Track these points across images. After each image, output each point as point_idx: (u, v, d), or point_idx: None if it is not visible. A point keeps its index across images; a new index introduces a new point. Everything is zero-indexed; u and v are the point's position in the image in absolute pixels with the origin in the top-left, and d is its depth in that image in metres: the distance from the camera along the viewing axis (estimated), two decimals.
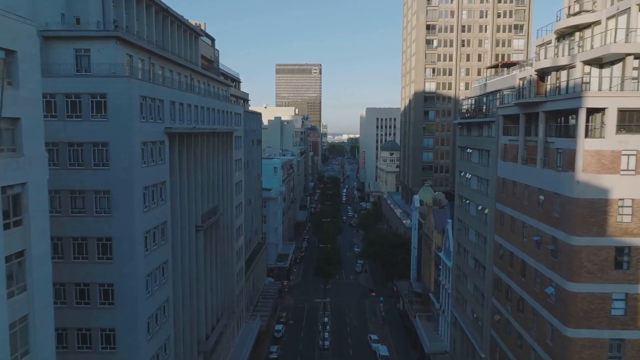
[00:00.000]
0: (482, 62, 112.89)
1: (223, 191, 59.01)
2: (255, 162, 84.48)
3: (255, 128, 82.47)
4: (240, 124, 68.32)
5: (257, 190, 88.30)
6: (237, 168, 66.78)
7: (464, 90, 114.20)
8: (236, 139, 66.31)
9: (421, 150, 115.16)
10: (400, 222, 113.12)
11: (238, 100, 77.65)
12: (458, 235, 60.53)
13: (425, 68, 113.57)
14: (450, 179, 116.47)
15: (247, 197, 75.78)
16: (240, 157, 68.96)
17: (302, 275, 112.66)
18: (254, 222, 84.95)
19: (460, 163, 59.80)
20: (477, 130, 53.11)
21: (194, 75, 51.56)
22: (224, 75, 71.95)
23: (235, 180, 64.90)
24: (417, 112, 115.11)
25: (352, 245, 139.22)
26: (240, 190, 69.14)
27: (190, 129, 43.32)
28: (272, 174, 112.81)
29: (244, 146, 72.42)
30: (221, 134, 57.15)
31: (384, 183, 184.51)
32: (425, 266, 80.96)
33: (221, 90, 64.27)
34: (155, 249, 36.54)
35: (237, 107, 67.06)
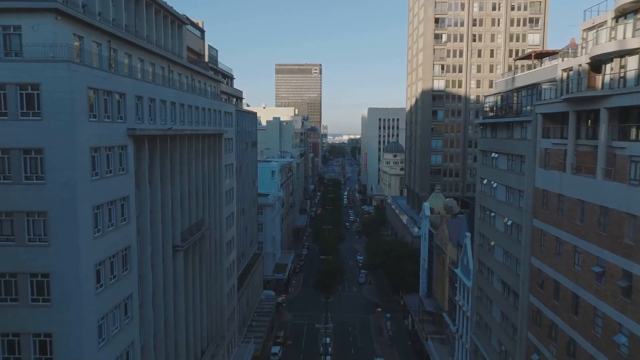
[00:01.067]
0: (495, 58, 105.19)
1: (210, 202, 51.30)
2: (250, 166, 76.80)
3: (249, 129, 74.78)
4: (231, 125, 60.63)
5: (252, 197, 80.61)
6: (227, 174, 59.09)
7: (475, 89, 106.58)
8: (227, 142, 58.62)
9: (429, 152, 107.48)
10: (407, 230, 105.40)
11: (230, 98, 69.96)
12: (479, 252, 52.78)
13: (433, 65, 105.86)
14: (460, 183, 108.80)
15: (240, 206, 68.08)
16: (232, 162, 61.28)
17: (302, 286, 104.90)
18: (249, 232, 77.23)
19: (482, 169, 52.07)
20: (505, 132, 45.39)
21: (173, 67, 43.84)
22: (214, 70, 64.25)
23: (225, 188, 57.20)
24: (424, 111, 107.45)
25: (355, 253, 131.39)
26: (232, 199, 61.44)
27: (165, 131, 35.58)
28: (269, 179, 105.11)
29: (236, 149, 64.71)
30: (207, 135, 49.44)
31: (387, 186, 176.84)
32: (437, 282, 73.21)
33: (209, 87, 56.57)
34: (114, 283, 28.79)
35: (228, 106, 59.38)
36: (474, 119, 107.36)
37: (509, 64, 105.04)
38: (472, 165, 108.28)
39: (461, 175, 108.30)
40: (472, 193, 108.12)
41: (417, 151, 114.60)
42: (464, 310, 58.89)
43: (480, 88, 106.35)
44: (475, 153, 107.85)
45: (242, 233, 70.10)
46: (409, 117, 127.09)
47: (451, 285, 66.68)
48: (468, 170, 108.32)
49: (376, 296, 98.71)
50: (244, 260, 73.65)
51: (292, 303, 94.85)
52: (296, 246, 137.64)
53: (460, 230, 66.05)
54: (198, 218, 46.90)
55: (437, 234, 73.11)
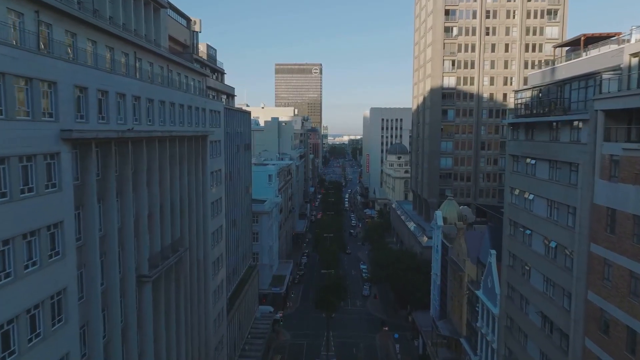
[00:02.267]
0: (509, 52, 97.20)
1: (192, 216, 43.33)
2: (243, 171, 68.84)
3: (242, 130, 66.82)
4: (219, 125, 52.65)
5: (246, 205, 72.63)
6: (214, 182, 51.12)
7: (488, 86, 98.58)
8: (213, 145, 50.67)
9: (438, 155, 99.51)
10: (415, 239, 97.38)
11: (219, 94, 61.98)
12: (509, 275, 44.77)
13: (443, 60, 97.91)
14: (472, 188, 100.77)
15: (230, 218, 60.09)
16: (220, 168, 53.29)
17: (301, 299, 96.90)
18: (242, 245, 69.25)
19: (513, 177, 44.05)
20: (546, 133, 37.39)
21: (143, 55, 35.86)
22: (200, 62, 56.25)
23: (211, 198, 49.22)
24: (433, 111, 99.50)
25: (358, 262, 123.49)
26: (220, 211, 53.45)
27: (121, 133, 27.59)
28: (266, 183, 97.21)
29: (226, 153, 56.76)
30: (188, 138, 41.48)
31: (390, 189, 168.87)
32: (453, 302, 65.19)
33: (192, 81, 48.58)
34: (36, 345, 20.78)
35: (215, 103, 51.38)
36: (487, 119, 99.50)
37: (525, 59, 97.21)
38: (485, 169, 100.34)
39: (473, 179, 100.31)
40: (485, 199, 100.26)
41: (425, 154, 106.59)
42: (488, 340, 50.86)
43: (494, 85, 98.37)
44: (489, 156, 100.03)
45: (233, 248, 62.12)
46: (416, 117, 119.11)
47: (470, 307, 58.70)
48: (481, 175, 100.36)
49: (382, 311, 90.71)
50: (236, 277, 65.69)
51: (291, 320, 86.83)
52: (295, 254, 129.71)
53: (481, 245, 58.10)
54: (175, 237, 38.91)
55: (452, 248, 65.12)
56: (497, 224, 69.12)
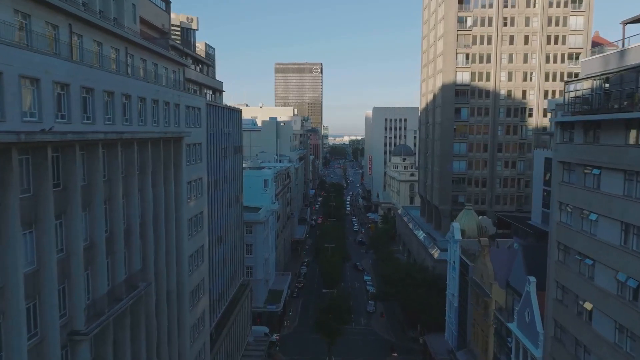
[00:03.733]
0: (529, 45, 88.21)
1: (159, 240, 34.41)
2: (232, 178, 59.90)
3: (231, 130, 57.88)
4: (199, 124, 43.73)
5: (236, 217, 63.68)
6: (193, 194, 42.21)
7: (506, 82, 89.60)
8: (192, 148, 41.79)
9: (451, 158, 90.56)
10: (426, 250, 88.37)
11: (202, 89, 52.98)
12: (559, 312, 35.80)
13: (456, 53, 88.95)
14: (488, 195, 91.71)
15: (215, 234, 51.12)
16: (201, 176, 44.36)
17: (300, 317, 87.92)
18: (231, 263, 60.32)
19: (565, 190, 35.03)
20: (619, 135, 28.40)
21: (82, 29, 26.90)
22: (179, 50, 47.26)
23: (188, 214, 40.31)
24: (445, 109, 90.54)
25: (361, 272, 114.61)
26: (201, 228, 44.50)
27: (26, 135, 18.65)
28: (261, 189, 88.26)
29: (209, 158, 47.85)
30: (152, 141, 32.58)
31: (395, 193, 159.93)
32: (475, 330, 56.21)
33: (165, 70, 39.66)
34: None
35: (193, 98, 42.41)
36: (504, 118, 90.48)
37: (547, 53, 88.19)
38: (502, 174, 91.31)
39: (489, 185, 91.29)
40: (503, 207, 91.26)
41: (435, 156, 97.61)
42: None
43: (512, 81, 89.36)
44: (507, 159, 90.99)
45: (218, 269, 53.14)
46: (424, 116, 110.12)
47: (498, 340, 49.71)
48: (497, 179, 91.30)
49: (389, 332, 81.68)
50: (224, 301, 56.73)
51: (288, 341, 77.86)
52: (294, 263, 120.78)
53: (512, 267, 49.14)
54: (132, 270, 30.00)
55: (475, 268, 56.15)
56: (526, 239, 60.38)
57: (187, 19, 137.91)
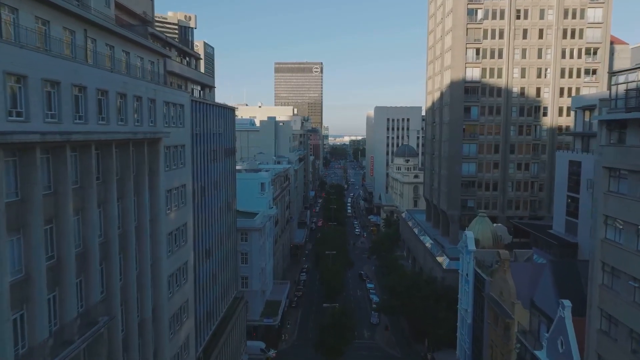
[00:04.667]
0: (544, 39, 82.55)
1: (128, 262, 28.81)
2: (224, 183, 54.27)
3: (222, 130, 52.21)
4: (182, 123, 38.13)
5: (228, 226, 58.06)
6: (174, 203, 36.61)
7: (519, 79, 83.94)
8: (173, 152, 36.21)
9: (460, 159, 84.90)
10: (433, 259, 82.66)
11: (188, 84, 47.27)
12: (602, 345, 30.14)
13: (466, 48, 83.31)
14: (500, 199, 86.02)
15: (202, 247, 45.49)
16: (184, 183, 38.74)
17: (299, 329, 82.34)
18: (222, 276, 54.67)
19: (612, 202, 29.38)
20: None
21: (28, 6, 21.30)
22: (159, 39, 41.59)
23: (168, 228, 34.71)
24: (454, 108, 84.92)
25: (362, 276, 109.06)
26: (184, 242, 38.88)
27: None
28: (257, 193, 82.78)
29: (195, 161, 42.26)
30: (116, 143, 26.99)
31: (398, 195, 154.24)
32: (493, 353, 50.48)
33: (141, 61, 34.06)
34: None
35: (173, 93, 36.74)
36: (517, 118, 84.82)
37: (563, 47, 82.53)
38: (514, 177, 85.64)
39: (501, 188, 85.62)
40: (515, 212, 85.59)
41: (442, 158, 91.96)
42: None
43: (526, 78, 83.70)
44: (519, 161, 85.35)
45: (207, 286, 47.47)
46: (430, 115, 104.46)
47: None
48: (509, 183, 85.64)
49: (395, 346, 76.00)
50: (214, 320, 51.07)
51: (286, 357, 72.29)
52: (293, 270, 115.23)
53: (536, 284, 43.59)
54: (90, 302, 24.39)
55: (492, 283, 50.50)
56: (547, 250, 54.77)
57: (185, 17, 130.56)
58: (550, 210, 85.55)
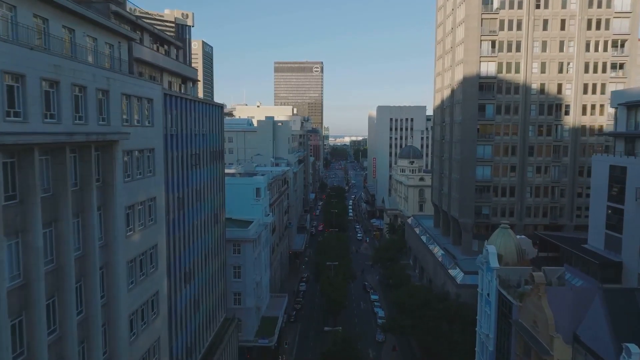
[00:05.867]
0: (566, 31, 75.27)
1: (67, 305, 21.54)
2: (210, 192, 46.97)
3: (206, 131, 44.92)
4: (151, 122, 30.86)
5: (216, 240, 50.77)
6: (139, 222, 29.32)
7: (539, 74, 76.56)
8: (140, 157, 28.93)
9: (473, 162, 77.64)
10: (445, 272, 75.29)
11: (163, 76, 39.87)
12: None
13: (480, 41, 76.06)
14: (517, 206, 78.63)
15: (179, 271, 38.16)
16: (155, 195, 31.44)
17: (298, 349, 75.09)
18: (207, 300, 47.36)
19: None
20: None
21: None
22: (125, 19, 34.22)
23: (128, 253, 27.42)
24: (467, 106, 77.67)
25: (366, 288, 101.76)
26: (153, 269, 31.56)
27: None
28: (252, 200, 75.60)
29: (171, 168, 34.97)
30: (38, 148, 19.70)
31: (402, 199, 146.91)
32: None
33: (91, 41, 26.79)
34: None
35: (138, 84, 29.39)
36: (536, 117, 77.49)
37: (587, 40, 75.24)
38: (533, 181, 78.30)
39: (518, 194, 78.28)
40: (534, 219, 78.35)
41: (453, 160, 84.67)
42: None
43: (546, 73, 76.37)
44: (539, 164, 78.01)
45: (186, 316, 40.09)
46: (439, 115, 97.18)
47: None
48: (528, 188, 78.29)
49: None
50: (196, 354, 43.67)
51: None
52: (292, 279, 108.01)
53: (581, 315, 36.36)
54: None
55: (523, 309, 43.14)
56: (583, 268, 47.57)
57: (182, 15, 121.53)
58: (572, 218, 78.37)
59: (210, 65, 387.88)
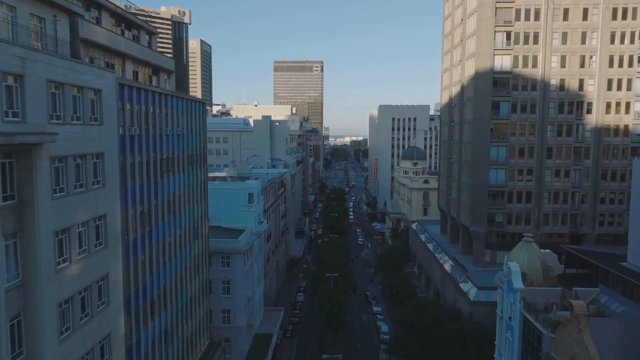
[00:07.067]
0: (589, 21, 68.56)
1: None
2: (187, 202, 40.21)
3: (182, 131, 38.19)
4: (100, 119, 24.14)
5: (196, 257, 44.03)
6: (81, 249, 22.58)
7: (559, 69, 69.83)
8: (77, 165, 22.16)
9: (486, 165, 70.96)
10: (456, 286, 68.45)
11: (126, 63, 33.06)
12: None
13: (495, 32, 69.38)
14: (534, 213, 71.78)
15: (144, 301, 31.41)
16: (102, 213, 24.69)
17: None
18: (185, 328, 40.60)
19: None
20: None
21: None
22: None
23: (62, 291, 20.68)
24: (479, 104, 71.00)
25: (368, 298, 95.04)
26: (104, 304, 24.85)
27: None
28: (244, 206, 68.76)
29: (127, 177, 28.23)
30: None
31: (405, 202, 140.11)
32: None
33: (10, 10, 20.12)
34: None
35: (74, 70, 22.60)
36: (555, 116, 70.75)
37: (612, 30, 68.51)
38: (552, 186, 71.55)
39: (535, 200, 71.51)
40: (552, 228, 71.59)
41: (463, 163, 77.94)
42: None
43: (566, 68, 69.65)
44: (558, 167, 71.23)
45: (153, 354, 33.31)
46: (446, 114, 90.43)
47: None
48: (546, 194, 71.54)
49: None
50: None
51: None
52: (289, 288, 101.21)
53: (630, 351, 29.65)
54: None
55: (557, 342, 36.39)
56: (619, 290, 40.88)
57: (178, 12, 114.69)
58: (594, 227, 71.64)
59: (208, 64, 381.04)
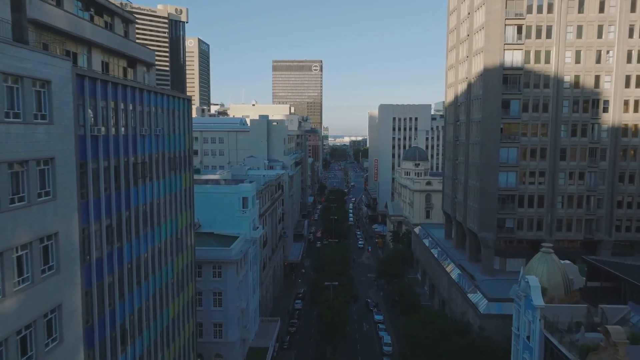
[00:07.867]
0: (606, 13, 64.25)
1: None
2: (168, 211, 35.77)
3: (161, 131, 33.73)
4: (47, 118, 19.71)
5: (179, 271, 39.58)
6: (20, 278, 18.10)
7: (573, 64, 65.48)
8: (13, 174, 17.67)
9: (496, 167, 66.63)
10: (463, 297, 63.99)
11: (92, 52, 28.61)
12: None
13: (505, 25, 65.07)
14: (547, 218, 67.36)
15: (112, 329, 26.97)
16: (51, 233, 20.24)
17: None
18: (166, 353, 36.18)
19: None
20: None
21: None
22: None
23: None
24: (488, 102, 66.67)
25: (369, 305, 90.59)
26: (56, 341, 20.41)
27: None
28: (238, 211, 64.41)
29: (89, 186, 23.76)
30: None
31: (407, 204, 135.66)
32: None
33: None
34: None
35: (9, 53, 18.18)
36: (569, 115, 66.38)
37: (630, 24, 64.16)
38: (565, 189, 67.20)
39: (548, 204, 67.14)
40: (566, 234, 67.20)
41: (470, 165, 73.55)
42: None
43: (581, 63, 65.30)
44: (572, 169, 66.80)
45: None
46: (452, 113, 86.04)
47: None
48: (559, 197, 67.20)
49: None
50: None
51: None
52: (286, 295, 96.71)
53: None
54: None
55: None
56: None
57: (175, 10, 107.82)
58: (610, 233, 67.26)
59: (206, 63, 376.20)
